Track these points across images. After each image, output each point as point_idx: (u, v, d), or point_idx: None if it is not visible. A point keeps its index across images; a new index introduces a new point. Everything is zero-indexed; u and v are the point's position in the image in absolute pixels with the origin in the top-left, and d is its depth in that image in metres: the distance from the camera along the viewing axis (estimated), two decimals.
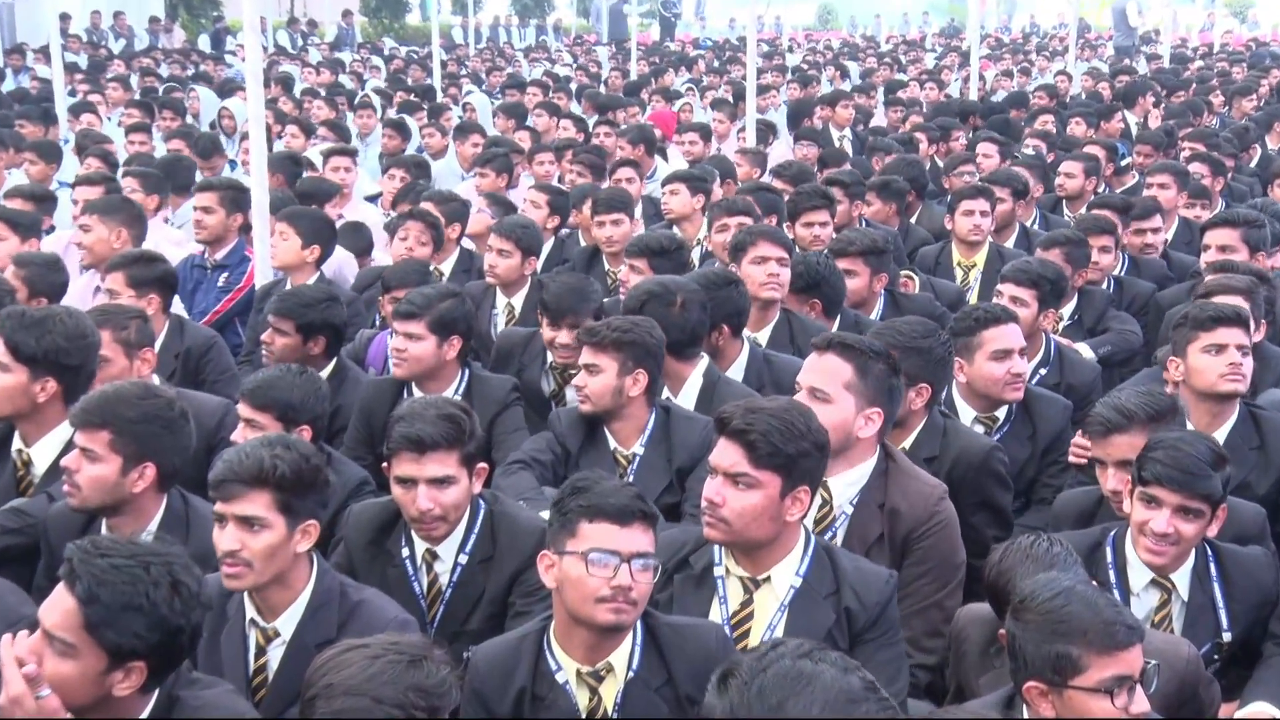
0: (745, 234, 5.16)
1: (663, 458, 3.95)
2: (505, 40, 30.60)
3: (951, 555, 3.49)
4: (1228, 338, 3.95)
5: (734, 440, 3.04)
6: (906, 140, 9.67)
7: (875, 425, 3.49)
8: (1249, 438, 3.95)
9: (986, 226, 6.45)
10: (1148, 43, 23.68)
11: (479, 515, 3.47)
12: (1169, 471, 3.16)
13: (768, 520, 3.03)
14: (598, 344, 3.96)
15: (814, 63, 20.32)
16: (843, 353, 3.52)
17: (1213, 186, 7.56)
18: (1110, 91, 13.72)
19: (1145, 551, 3.23)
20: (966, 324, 4.26)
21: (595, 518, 2.81)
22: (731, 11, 33.00)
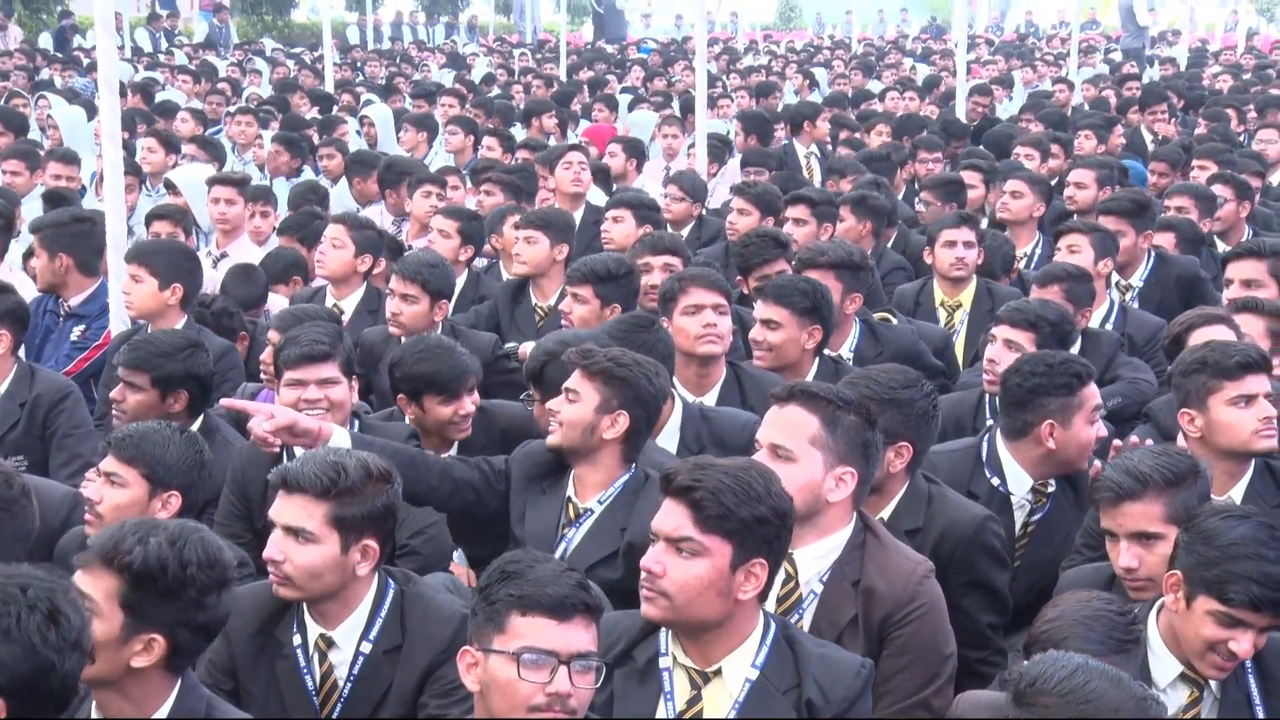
0: (674, 280, 5.17)
1: (618, 523, 3.96)
2: (411, 40, 30.71)
3: (937, 644, 3.50)
4: (1257, 386, 4.04)
5: (679, 500, 3.06)
6: (884, 157, 9.79)
7: (848, 487, 3.51)
8: (1270, 494, 4.02)
9: (972, 260, 6.54)
10: (1161, 43, 24.25)
11: (386, 597, 3.46)
12: (1267, 594, 3.14)
13: (715, 596, 3.03)
14: (586, 369, 4.01)
15: (774, 68, 20.60)
16: (807, 403, 3.54)
17: (1238, 211, 7.74)
18: (1116, 100, 14.02)
19: (1213, 669, 3.23)
20: (1065, 380, 4.26)
21: (529, 610, 2.81)
22: (678, 8, 33.38)
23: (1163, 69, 19.75)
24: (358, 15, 31.13)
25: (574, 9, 32.76)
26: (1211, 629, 3.19)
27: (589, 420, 3.97)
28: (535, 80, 17.56)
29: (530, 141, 11.26)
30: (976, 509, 4.05)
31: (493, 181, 8.35)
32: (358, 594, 3.44)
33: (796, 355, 5.13)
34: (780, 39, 31.31)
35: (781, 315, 5.11)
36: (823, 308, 5.15)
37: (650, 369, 4.07)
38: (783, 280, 5.35)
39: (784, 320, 5.10)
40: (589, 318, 5.44)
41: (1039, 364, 4.31)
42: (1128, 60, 21.11)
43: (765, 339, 5.12)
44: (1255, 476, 4.02)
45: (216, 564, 2.94)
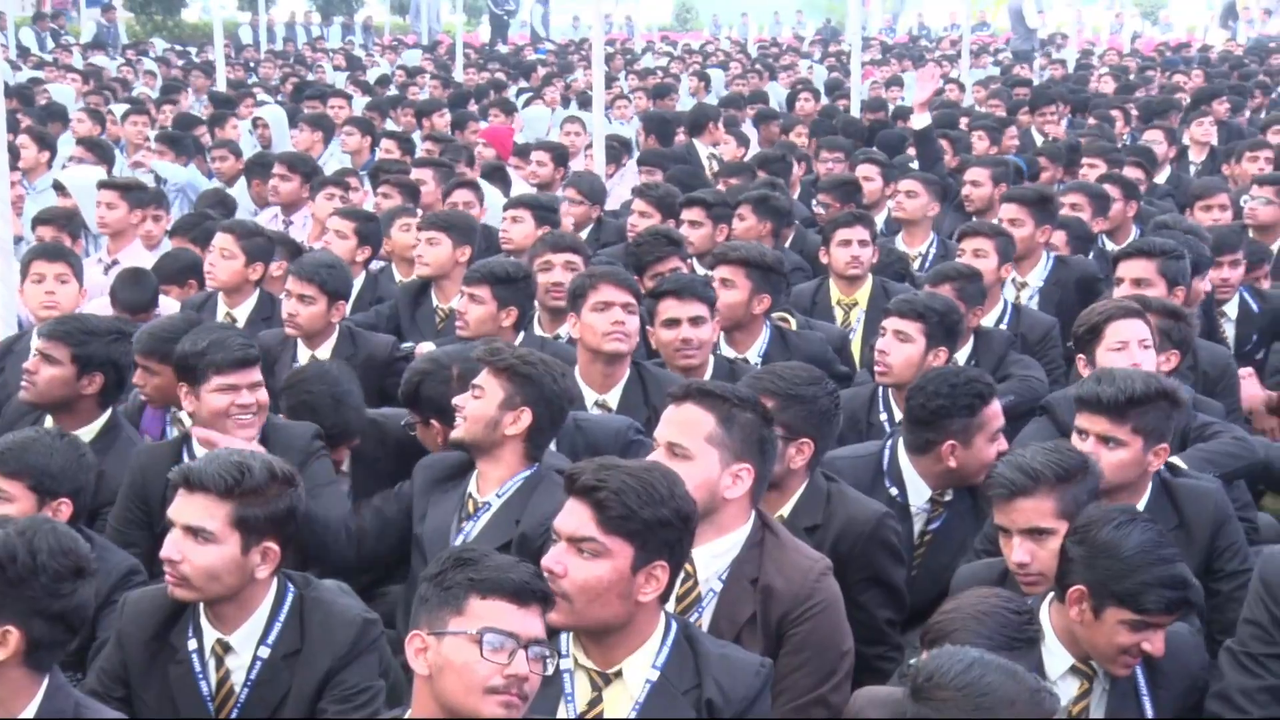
0: (585, 276, 5.19)
1: (514, 515, 3.98)
2: (305, 41, 30.37)
3: (835, 641, 3.54)
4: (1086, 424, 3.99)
5: (582, 500, 3.07)
6: (779, 157, 9.85)
7: (745, 484, 3.54)
8: (1167, 517, 4.01)
9: (867, 258, 6.61)
10: (1050, 46, 24.68)
11: (285, 601, 3.44)
12: (1179, 596, 3.25)
13: (615, 598, 3.04)
14: (493, 365, 4.06)
15: (671, 70, 20.66)
16: (703, 401, 3.57)
17: (1125, 211, 7.90)
18: (1006, 102, 14.23)
19: (1123, 668, 3.32)
20: (967, 401, 4.28)
21: (490, 593, 2.81)
22: (575, 9, 33.35)
23: (1052, 70, 20.08)
24: (250, 15, 30.68)
25: (470, 10, 32.63)
26: (1125, 636, 3.27)
27: (492, 415, 4.01)
28: (431, 81, 17.45)
29: (435, 134, 11.20)
30: (875, 505, 4.10)
31: (391, 184, 8.30)
32: (256, 597, 3.41)
33: (745, 318, 5.38)
34: (677, 40, 31.39)
35: (737, 275, 5.34)
36: (773, 278, 5.39)
37: (556, 369, 4.11)
38: (744, 245, 5.73)
39: (738, 281, 5.38)
40: (485, 319, 5.44)
41: (943, 384, 4.33)
42: (1018, 62, 21.47)
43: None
44: (1153, 499, 4.05)
45: (69, 552, 2.92)
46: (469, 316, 5.48)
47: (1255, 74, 17.21)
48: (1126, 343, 4.66)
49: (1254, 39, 28.40)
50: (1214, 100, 13.37)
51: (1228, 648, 3.57)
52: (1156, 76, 18.12)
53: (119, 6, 29.53)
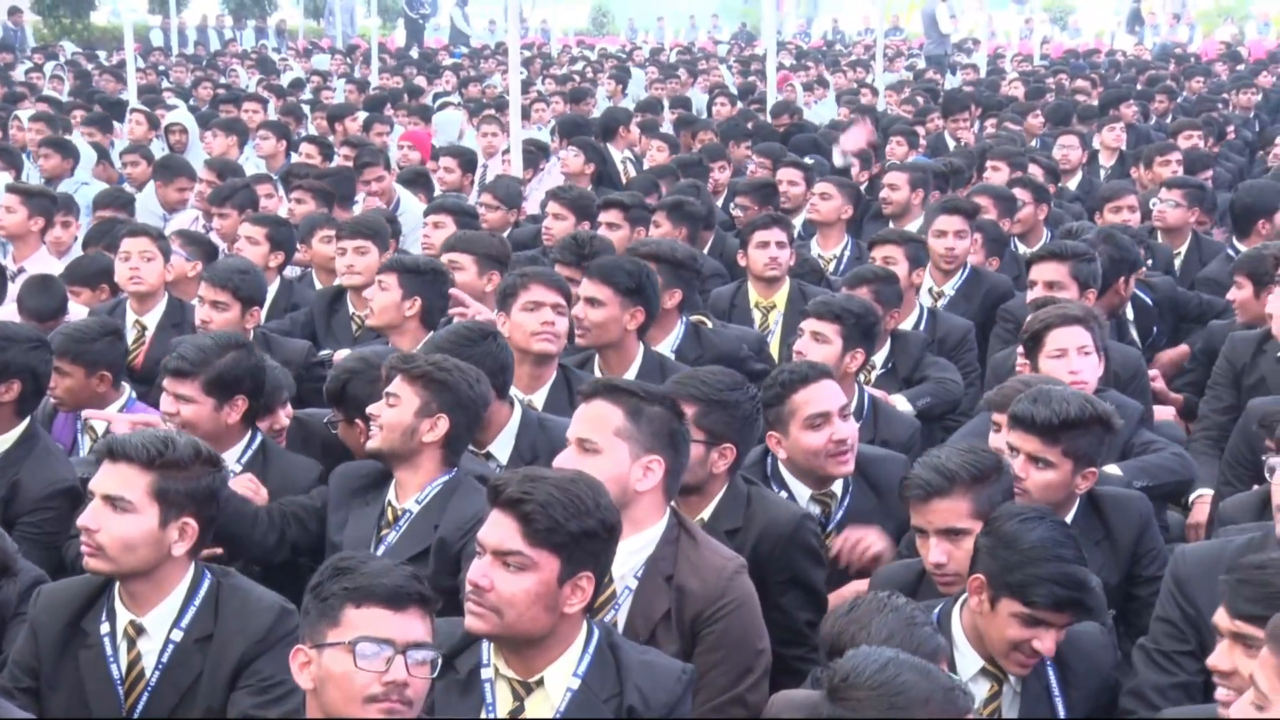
0: (516, 277, 5.20)
1: (432, 521, 3.96)
2: (219, 45, 30.02)
3: (750, 640, 3.56)
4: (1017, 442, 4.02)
5: (507, 512, 3.05)
6: (697, 161, 9.89)
7: (655, 476, 3.56)
8: (1093, 529, 4.08)
9: (785, 260, 6.66)
10: (962, 51, 24.98)
11: (201, 586, 3.44)
12: (1069, 594, 3.28)
13: (542, 610, 3.03)
14: (406, 373, 4.03)
15: (588, 74, 20.66)
16: (611, 397, 3.61)
17: (1035, 214, 8.01)
18: (915, 106, 14.39)
19: (1018, 666, 3.35)
20: (774, 390, 4.30)
21: (364, 602, 2.81)
22: (491, 13, 33.24)
23: (964, 74, 20.32)
24: (161, 18, 30.29)
25: (386, 13, 32.43)
26: (1016, 630, 3.30)
27: (409, 423, 3.99)
28: (347, 85, 17.33)
29: (352, 139, 11.12)
30: (794, 508, 4.13)
31: (304, 189, 8.22)
32: (172, 577, 3.41)
33: (618, 335, 5.23)
34: (593, 44, 31.40)
35: (604, 293, 5.20)
36: (646, 289, 5.25)
37: (471, 375, 4.09)
38: (608, 259, 5.47)
39: (606, 299, 5.19)
40: (389, 306, 5.47)
41: (768, 378, 4.38)
42: (930, 67, 21.71)
43: (587, 316, 5.19)
44: (1080, 513, 4.09)
45: None
46: (375, 303, 5.53)
47: (1163, 79, 17.52)
48: (1066, 350, 4.74)
49: (1160, 45, 28.92)
50: (1121, 104, 13.61)
51: (1141, 645, 3.62)
52: (1065, 82, 18.39)
53: (26, 9, 29.01)
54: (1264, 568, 2.88)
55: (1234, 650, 2.87)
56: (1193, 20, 33.88)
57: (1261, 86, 16.50)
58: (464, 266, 5.94)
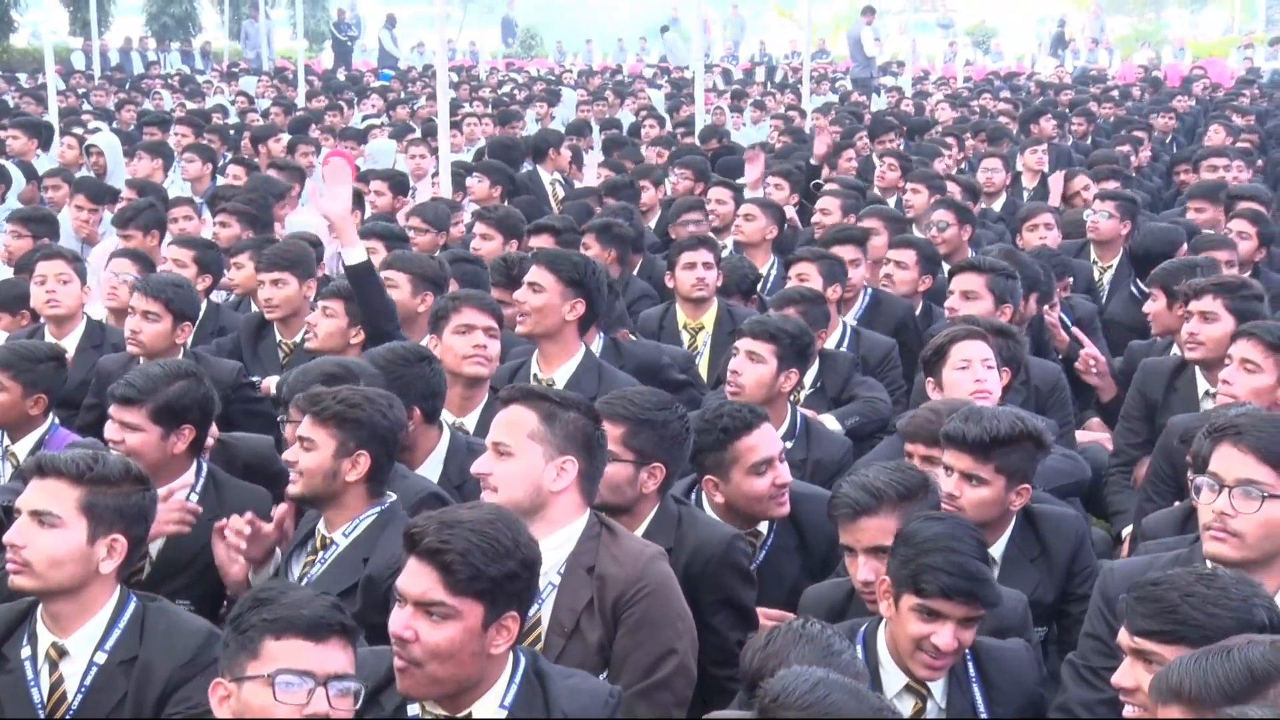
0: (447, 300, 5.21)
1: (361, 554, 3.91)
2: (141, 68, 29.69)
3: (670, 621, 3.57)
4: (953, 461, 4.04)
5: (427, 562, 2.99)
6: (628, 184, 9.91)
7: (569, 476, 3.60)
8: (1029, 547, 4.13)
9: (712, 281, 6.69)
10: (887, 73, 25.24)
11: (126, 609, 3.40)
12: (956, 582, 3.30)
13: (468, 657, 2.99)
14: (317, 415, 3.93)
15: (516, 97, 20.65)
16: (526, 401, 3.67)
17: (960, 235, 8.10)
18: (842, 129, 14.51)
19: (924, 668, 3.37)
20: (714, 436, 4.26)
21: (284, 633, 2.78)
22: (419, 36, 33.17)
23: (889, 97, 20.54)
24: (82, 40, 29.93)
25: (313, 36, 32.25)
26: (915, 625, 3.34)
27: (329, 466, 3.91)
28: (273, 108, 17.22)
29: (278, 161, 11.05)
30: (725, 529, 4.13)
31: (228, 212, 8.15)
32: (97, 598, 3.36)
33: (557, 324, 5.29)
34: (522, 67, 31.40)
35: (546, 280, 5.27)
36: (589, 282, 5.30)
37: (384, 403, 4.01)
38: (555, 250, 5.59)
39: (548, 285, 5.26)
40: (335, 333, 5.52)
41: (699, 419, 4.34)
42: (857, 89, 21.91)
43: (527, 301, 5.26)
44: (1016, 530, 4.13)
45: None
46: (319, 329, 5.51)
47: (1085, 101, 17.79)
48: (970, 362, 4.80)
49: (1080, 68, 29.36)
50: (1041, 117, 13.82)
51: (1069, 661, 3.66)
52: (991, 103, 18.63)
53: None
54: (1160, 584, 2.91)
55: (1136, 667, 2.90)
56: (1111, 45, 34.43)
57: (1178, 111, 16.78)
58: (398, 285, 5.92)
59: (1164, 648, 2.83)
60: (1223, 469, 3.41)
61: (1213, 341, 5.25)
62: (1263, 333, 4.75)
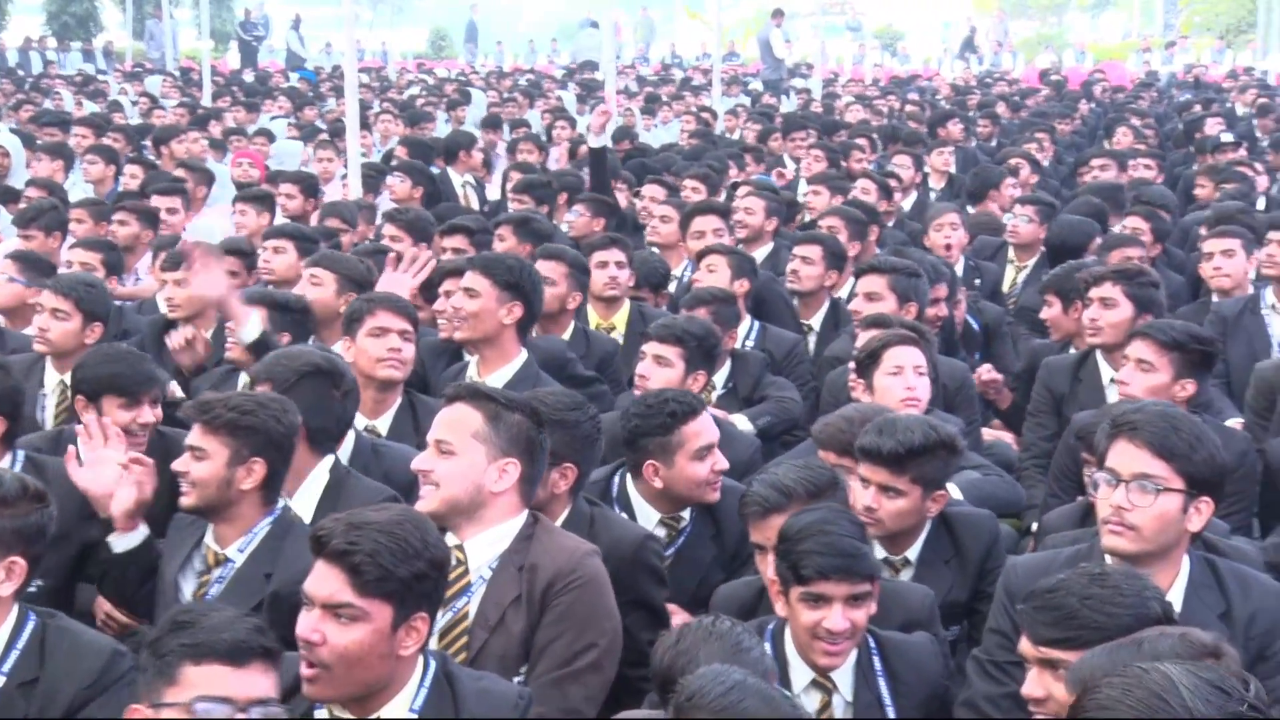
0: (362, 302, 5.18)
1: (261, 570, 3.84)
2: (40, 67, 29.15)
3: (596, 616, 3.58)
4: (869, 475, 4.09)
5: (334, 564, 2.98)
6: (545, 184, 9.86)
7: (510, 478, 3.60)
8: (944, 548, 4.19)
9: (624, 280, 6.70)
10: (797, 75, 25.42)
11: (25, 628, 3.32)
12: (831, 561, 3.35)
13: (377, 659, 2.98)
14: (209, 424, 3.84)
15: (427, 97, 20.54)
16: (473, 401, 3.66)
17: (868, 234, 8.17)
18: (756, 131, 14.61)
19: (823, 656, 3.41)
20: (660, 420, 4.31)
21: (203, 659, 2.74)
22: (327, 36, 32.88)
23: (799, 99, 20.68)
24: None
25: (218, 35, 31.85)
26: (806, 614, 3.38)
27: (222, 476, 3.82)
28: (177, 108, 16.99)
29: (187, 162, 10.90)
30: (637, 529, 4.16)
31: (128, 210, 8.04)
32: None
33: (495, 328, 5.27)
34: (433, 68, 31.23)
35: (481, 284, 5.26)
36: (525, 285, 5.29)
37: (277, 408, 3.93)
38: (492, 254, 5.59)
39: (483, 290, 5.25)
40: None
41: (640, 404, 4.40)
42: (767, 91, 22.05)
43: (463, 306, 5.25)
44: (930, 533, 4.19)
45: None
46: (240, 334, 5.37)
47: (992, 103, 18.05)
48: (902, 368, 4.85)
49: (985, 71, 29.77)
50: (948, 121, 14.00)
51: (974, 656, 3.71)
52: (898, 103, 18.84)
53: None
54: (1055, 591, 2.95)
55: (1043, 677, 2.93)
56: (1014, 48, 34.96)
57: (1080, 114, 17.08)
58: (324, 283, 5.86)
59: (1070, 654, 2.85)
60: (1119, 464, 3.47)
61: (1112, 327, 5.38)
62: (1155, 332, 4.84)
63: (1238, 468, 4.75)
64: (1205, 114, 15.00)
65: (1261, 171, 11.04)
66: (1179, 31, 35.95)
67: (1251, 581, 3.61)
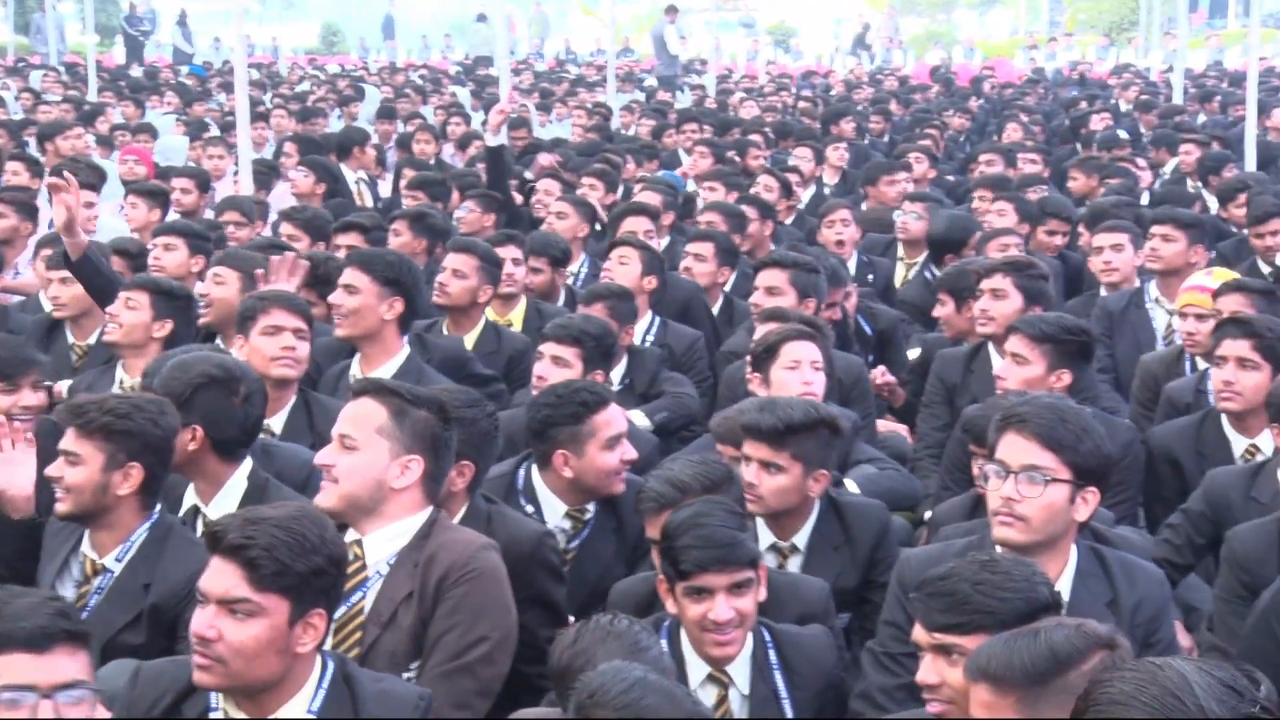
0: (256, 299, 5.12)
1: (140, 581, 3.76)
2: None
3: (490, 610, 3.56)
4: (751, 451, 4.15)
5: (230, 559, 2.96)
6: (439, 180, 9.81)
7: (413, 474, 3.60)
8: (834, 535, 4.23)
9: (521, 277, 6.69)
10: (691, 71, 25.51)
11: None
12: (708, 553, 3.38)
13: (274, 655, 2.96)
14: (83, 428, 3.75)
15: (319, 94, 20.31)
16: (378, 396, 3.65)
17: (762, 230, 8.24)
18: (650, 127, 14.64)
19: (715, 648, 3.43)
20: (572, 410, 4.31)
21: (4, 648, 2.69)
22: (215, 31, 32.37)
23: (693, 94, 20.76)
24: None
25: (103, 30, 31.20)
26: (692, 608, 3.41)
27: (98, 481, 3.74)
28: (62, 104, 16.63)
29: (76, 159, 10.67)
30: (534, 526, 4.16)
31: (6, 203, 7.89)
32: None
33: (375, 324, 5.26)
34: (324, 64, 30.87)
35: (361, 281, 5.25)
36: (405, 280, 5.28)
37: (154, 410, 3.83)
38: (369, 250, 5.63)
39: (363, 286, 5.23)
40: (137, 326, 5.35)
41: (550, 395, 4.41)
42: (662, 87, 22.10)
43: (344, 303, 5.23)
44: (819, 519, 4.23)
45: None
46: (121, 319, 5.33)
47: (885, 99, 18.25)
48: (800, 362, 4.90)
49: (877, 68, 30.11)
50: (841, 119, 14.14)
51: (869, 648, 3.76)
52: (794, 99, 18.98)
53: None
54: (947, 578, 2.99)
55: (937, 663, 2.97)
56: (904, 44, 35.38)
57: (970, 111, 17.32)
58: (226, 282, 5.76)
59: (964, 639, 2.90)
60: (1008, 456, 3.53)
61: (1003, 318, 5.47)
62: (1026, 326, 4.92)
63: (1123, 458, 4.85)
64: (1090, 110, 15.31)
65: (1145, 167, 11.29)
66: (1064, 29, 36.61)
67: (1136, 570, 3.69)
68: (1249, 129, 11.20)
